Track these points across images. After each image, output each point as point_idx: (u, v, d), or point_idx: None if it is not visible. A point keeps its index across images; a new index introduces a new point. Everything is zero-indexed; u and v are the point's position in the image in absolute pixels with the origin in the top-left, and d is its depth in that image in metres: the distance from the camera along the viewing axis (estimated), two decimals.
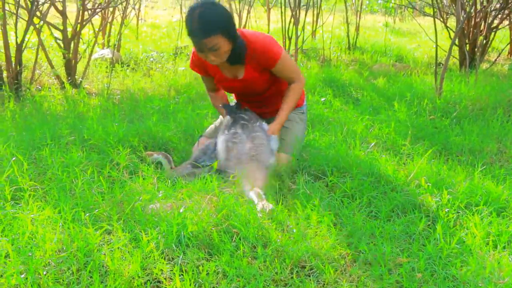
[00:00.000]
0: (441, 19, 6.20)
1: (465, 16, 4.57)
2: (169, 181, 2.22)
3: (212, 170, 2.39)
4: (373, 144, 2.96)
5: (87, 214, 1.81)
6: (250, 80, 2.71)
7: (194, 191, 2.06)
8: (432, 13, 9.29)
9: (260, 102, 2.85)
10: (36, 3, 4.47)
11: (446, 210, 2.10)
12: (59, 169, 2.17)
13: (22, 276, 1.55)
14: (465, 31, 6.21)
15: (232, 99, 3.19)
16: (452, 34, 6.67)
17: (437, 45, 4.36)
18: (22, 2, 4.64)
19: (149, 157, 2.72)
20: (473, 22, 6.30)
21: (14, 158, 2.13)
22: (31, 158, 2.56)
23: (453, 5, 6.65)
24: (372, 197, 2.24)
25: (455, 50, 7.01)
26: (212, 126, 2.95)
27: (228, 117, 2.73)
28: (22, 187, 1.97)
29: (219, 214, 1.86)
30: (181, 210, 1.89)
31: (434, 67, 4.37)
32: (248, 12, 8.04)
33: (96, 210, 1.85)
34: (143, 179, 2.24)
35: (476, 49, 6.47)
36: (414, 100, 4.02)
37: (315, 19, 8.42)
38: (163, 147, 2.93)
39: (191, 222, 1.80)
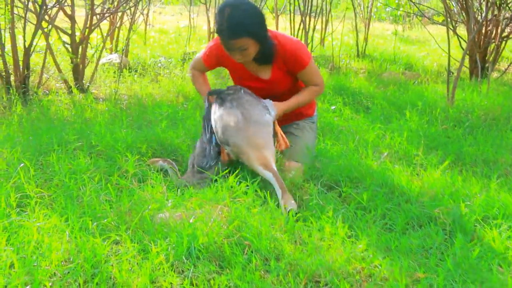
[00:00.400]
0: (451, 27, 6.14)
1: (477, 26, 4.51)
2: (178, 190, 2.16)
3: (220, 166, 2.37)
4: (386, 154, 2.90)
5: (95, 224, 1.76)
6: (275, 81, 2.72)
7: (205, 200, 2.01)
8: (440, 21, 9.26)
9: None
10: (45, 7, 4.44)
11: (463, 223, 2.04)
12: (66, 176, 2.12)
13: (27, 287, 1.50)
14: (476, 40, 6.15)
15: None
16: (463, 43, 6.63)
17: (449, 55, 4.29)
18: (30, 6, 4.62)
19: (154, 164, 2.66)
20: (484, 31, 6.24)
21: (22, 165, 2.09)
22: (37, 164, 2.52)
23: (463, 13, 6.61)
24: (387, 209, 2.17)
25: (465, 59, 6.95)
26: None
27: (215, 98, 2.68)
28: (28, 194, 1.92)
29: (230, 225, 1.80)
30: (191, 220, 1.83)
31: (447, 77, 4.29)
32: None
33: (105, 220, 1.79)
34: (152, 187, 2.19)
35: (487, 58, 6.41)
36: (426, 109, 3.96)
37: (323, 26, 8.37)
38: (172, 154, 2.88)
39: (201, 233, 1.74)
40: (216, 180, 2.22)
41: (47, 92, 4.93)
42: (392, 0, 8.85)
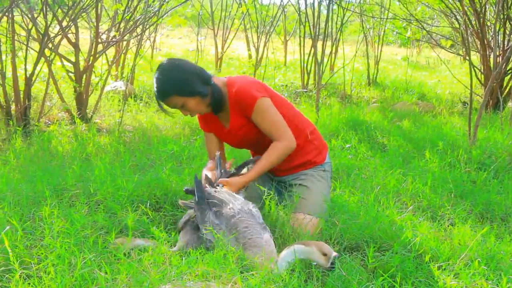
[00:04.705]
0: (467, 58, 5.95)
1: (501, 60, 4.30)
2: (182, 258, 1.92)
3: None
4: (410, 208, 2.67)
5: None
6: (237, 129, 2.58)
7: (212, 272, 1.77)
8: (448, 46, 9.08)
9: None
10: (48, 34, 4.27)
11: None
12: (58, 239, 1.89)
13: None
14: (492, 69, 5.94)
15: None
16: (480, 75, 6.42)
17: (471, 91, 4.08)
18: (33, 32, 4.45)
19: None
20: (499, 61, 6.03)
21: (8, 228, 1.87)
22: (29, 218, 2.30)
23: (477, 41, 6.42)
24: (418, 280, 1.93)
25: (477, 86, 6.74)
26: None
27: (197, 208, 2.24)
28: (12, 266, 1.69)
29: None
30: None
31: (468, 114, 4.07)
32: (265, 44, 7.84)
33: None
34: (152, 251, 1.96)
35: (502, 89, 6.20)
36: (447, 149, 3.74)
37: (333, 50, 8.19)
38: (176, 203, 2.65)
39: None
40: None
41: (49, 122, 4.74)
42: (399, 24, 8.69)
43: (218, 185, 2.37)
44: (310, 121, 2.79)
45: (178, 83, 2.44)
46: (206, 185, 2.38)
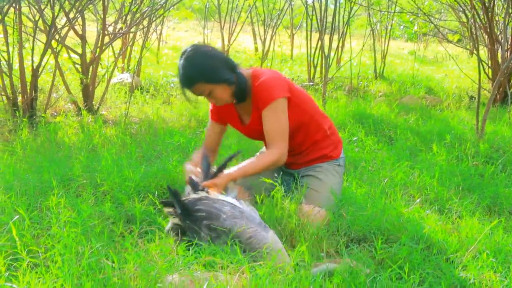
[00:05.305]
0: (475, 52, 5.91)
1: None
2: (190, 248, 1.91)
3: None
4: (418, 200, 2.65)
5: None
6: (259, 124, 2.49)
7: (218, 261, 1.77)
8: (455, 40, 9.01)
9: (289, 151, 2.55)
10: (54, 26, 4.26)
11: None
12: (66, 227, 1.89)
13: None
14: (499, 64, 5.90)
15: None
16: (487, 69, 6.38)
17: (479, 85, 4.06)
18: (40, 24, 4.45)
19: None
20: (508, 55, 5.98)
21: (16, 217, 1.87)
22: (36, 207, 2.30)
23: (485, 35, 6.37)
24: (426, 272, 1.92)
25: (485, 82, 6.69)
26: None
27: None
28: (20, 255, 1.69)
29: None
30: (204, 287, 1.60)
31: (476, 108, 4.05)
32: (272, 37, 7.82)
33: None
34: (159, 241, 1.96)
35: (510, 84, 6.15)
36: (454, 143, 3.72)
37: (340, 44, 8.14)
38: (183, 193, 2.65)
39: None
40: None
41: (56, 113, 4.75)
42: (406, 18, 8.63)
43: (203, 189, 2.19)
44: (327, 116, 2.77)
45: (205, 69, 2.34)
46: (188, 192, 2.22)
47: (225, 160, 2.35)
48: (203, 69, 2.34)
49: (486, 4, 5.84)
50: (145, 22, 5.42)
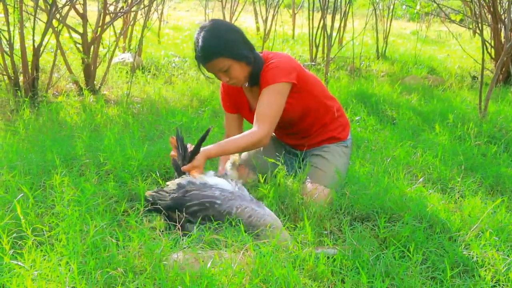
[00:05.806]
0: (478, 31, 5.86)
1: None
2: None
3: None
4: (420, 180, 2.65)
5: (100, 271, 1.53)
6: None
7: (222, 240, 1.78)
8: (458, 20, 8.94)
9: (298, 133, 2.53)
10: (55, 5, 4.23)
11: None
12: (70, 205, 1.90)
13: None
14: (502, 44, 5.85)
15: None
16: (490, 49, 6.34)
17: (483, 65, 4.03)
18: (41, 3, 4.41)
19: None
20: (511, 35, 5.92)
21: (21, 195, 1.87)
22: (40, 186, 2.31)
23: (489, 15, 6.31)
24: (429, 250, 1.93)
25: (487, 62, 6.66)
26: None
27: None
28: (24, 232, 1.70)
29: (254, 278, 1.56)
30: (208, 265, 1.61)
31: (479, 87, 4.03)
32: (273, 16, 7.76)
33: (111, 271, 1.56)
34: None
35: None
36: (457, 122, 3.71)
37: (342, 24, 8.08)
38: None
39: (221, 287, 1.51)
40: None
41: (57, 93, 4.73)
42: None
43: (184, 174, 2.15)
44: (335, 98, 2.73)
45: (228, 43, 2.25)
46: (175, 176, 2.19)
47: (198, 141, 2.19)
48: (226, 42, 2.25)
49: None
50: (146, 1, 5.37)
